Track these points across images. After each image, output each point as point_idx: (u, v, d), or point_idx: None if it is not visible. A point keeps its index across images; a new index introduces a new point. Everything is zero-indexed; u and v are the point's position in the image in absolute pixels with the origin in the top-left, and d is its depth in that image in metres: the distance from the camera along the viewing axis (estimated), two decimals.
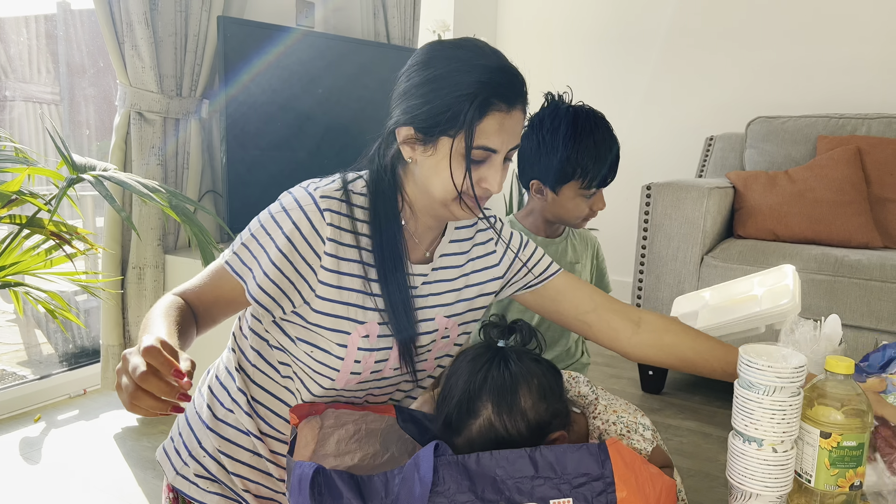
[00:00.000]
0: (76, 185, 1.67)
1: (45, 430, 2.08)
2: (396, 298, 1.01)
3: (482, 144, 0.95)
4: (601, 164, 1.41)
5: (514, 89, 0.96)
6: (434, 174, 0.98)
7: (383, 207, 1.02)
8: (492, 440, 0.91)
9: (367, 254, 1.01)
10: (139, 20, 2.01)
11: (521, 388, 0.92)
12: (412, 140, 0.98)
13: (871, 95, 2.97)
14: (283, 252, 0.96)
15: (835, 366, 0.90)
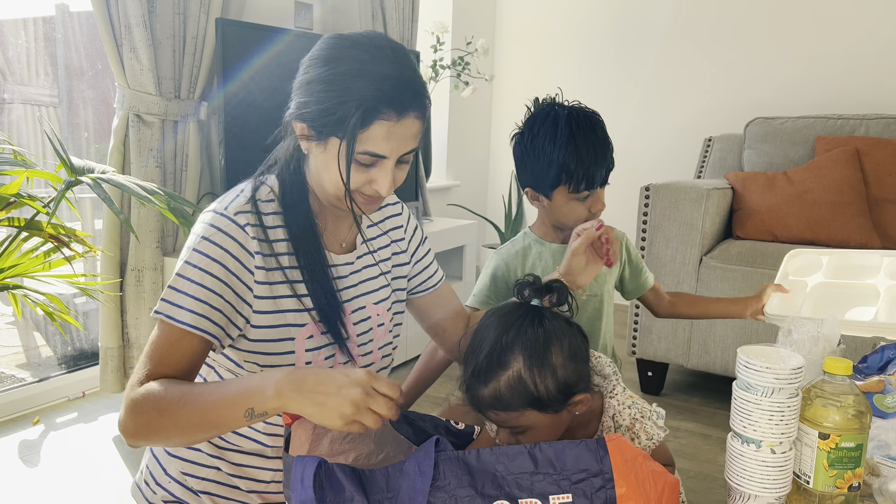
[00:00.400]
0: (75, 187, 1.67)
1: (44, 432, 2.07)
2: (320, 295, 1.02)
3: (368, 150, 0.96)
4: (587, 165, 1.34)
5: (405, 98, 0.95)
6: (325, 170, 0.99)
7: (293, 208, 1.03)
8: (519, 393, 0.92)
9: (287, 258, 1.02)
10: (137, 22, 2.01)
11: (554, 345, 0.94)
12: (306, 135, 1.00)
13: (869, 96, 2.97)
14: (220, 279, 0.95)
15: (833, 367, 0.90)
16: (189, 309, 0.94)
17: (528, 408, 0.94)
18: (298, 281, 1.02)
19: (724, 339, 2.30)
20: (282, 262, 1.01)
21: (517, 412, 0.94)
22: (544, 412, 0.95)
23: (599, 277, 1.50)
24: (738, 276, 2.26)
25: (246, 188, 1.04)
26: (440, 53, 3.18)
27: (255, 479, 1.08)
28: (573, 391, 0.96)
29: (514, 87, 3.91)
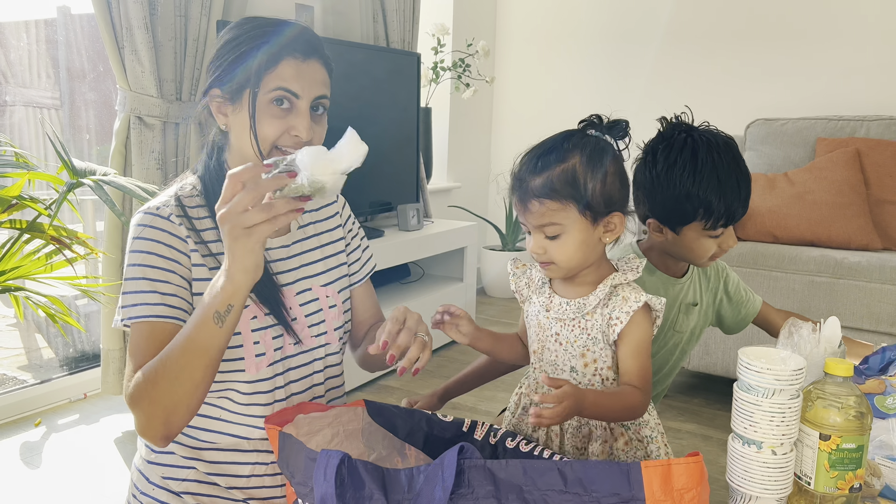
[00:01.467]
0: (76, 189, 1.67)
1: (46, 434, 2.08)
2: None
3: (280, 86, 1.01)
4: (729, 201, 1.23)
5: (305, 40, 1.04)
6: (244, 130, 1.03)
7: (217, 197, 1.01)
8: (569, 184, 1.01)
9: (215, 245, 1.05)
10: (139, 25, 2.01)
11: (609, 157, 1.04)
12: (220, 102, 1.04)
13: (869, 97, 2.97)
14: (161, 267, 1.00)
15: (834, 368, 0.90)
16: (144, 302, 0.98)
17: (573, 202, 1.02)
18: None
19: (725, 340, 2.30)
20: (212, 248, 1.04)
21: (560, 203, 1.02)
22: (583, 213, 1.02)
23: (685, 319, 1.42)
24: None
25: (169, 190, 1.09)
26: (441, 55, 3.18)
27: (234, 474, 1.08)
28: (613, 205, 1.04)
29: (514, 88, 3.92)
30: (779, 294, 2.21)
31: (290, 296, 1.12)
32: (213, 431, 1.08)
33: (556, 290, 1.14)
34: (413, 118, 2.94)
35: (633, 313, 1.04)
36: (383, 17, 3.02)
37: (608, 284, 1.07)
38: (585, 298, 1.08)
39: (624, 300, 1.05)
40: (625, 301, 1.05)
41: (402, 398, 1.31)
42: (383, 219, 3.09)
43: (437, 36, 3.13)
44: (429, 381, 2.50)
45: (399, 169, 2.92)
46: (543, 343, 1.14)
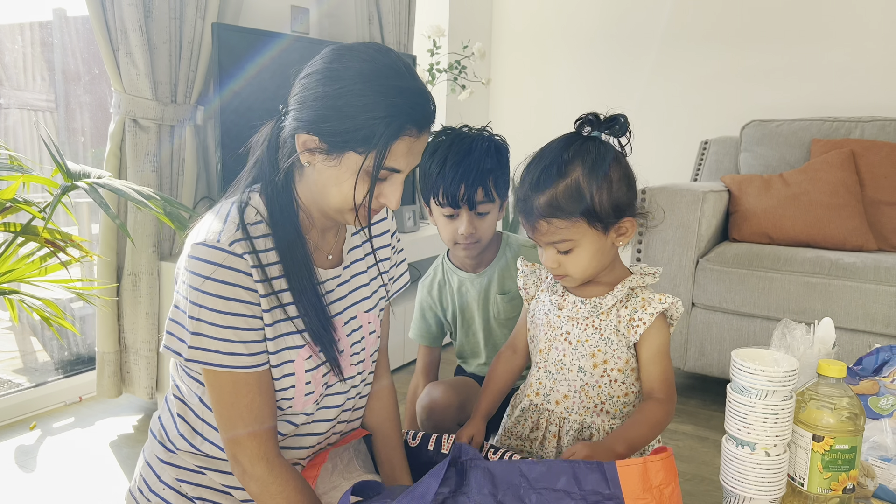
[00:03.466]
0: (71, 192, 1.67)
1: (41, 437, 2.07)
2: (312, 315, 1.01)
3: (390, 166, 0.97)
4: (447, 179, 1.36)
5: (427, 115, 0.98)
6: (334, 184, 0.98)
7: (282, 228, 1.01)
8: (575, 199, 0.99)
9: (278, 281, 1.00)
10: (133, 27, 2.01)
11: (612, 162, 1.01)
12: (314, 148, 0.97)
13: (864, 98, 2.98)
14: (244, 314, 0.95)
15: (827, 369, 0.90)
16: (226, 352, 0.95)
17: (581, 217, 1.00)
18: (290, 303, 1.01)
19: (721, 341, 2.30)
20: (274, 285, 1.00)
21: (569, 220, 1.00)
22: (593, 226, 1.01)
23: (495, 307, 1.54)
24: (734, 279, 2.27)
25: (231, 212, 1.00)
26: (437, 57, 3.18)
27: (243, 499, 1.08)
28: (623, 212, 1.03)
29: (511, 90, 3.92)
30: (774, 295, 2.21)
31: (339, 326, 1.09)
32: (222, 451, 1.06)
33: (570, 289, 1.14)
34: None
35: (657, 316, 1.04)
36: (379, 19, 3.02)
37: (626, 286, 1.07)
38: (602, 298, 1.08)
39: (646, 302, 1.05)
40: (647, 303, 1.05)
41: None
42: None
43: (433, 38, 3.13)
44: None
45: None
46: (551, 342, 1.14)
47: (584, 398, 1.10)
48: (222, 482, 1.07)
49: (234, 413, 0.97)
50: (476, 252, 1.47)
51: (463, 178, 1.35)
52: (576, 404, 1.11)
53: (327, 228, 1.10)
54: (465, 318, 1.56)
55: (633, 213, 1.05)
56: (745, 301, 2.26)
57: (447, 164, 1.36)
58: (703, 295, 2.32)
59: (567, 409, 1.12)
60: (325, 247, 1.10)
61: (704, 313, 2.33)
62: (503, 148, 1.44)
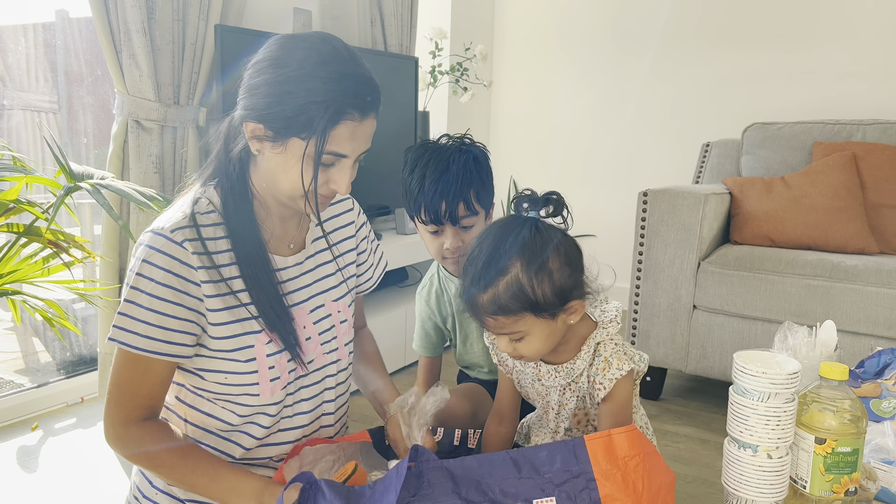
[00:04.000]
0: (74, 193, 1.67)
1: (43, 438, 2.07)
2: (264, 302, 1.02)
3: (333, 150, 0.97)
4: (427, 196, 1.35)
5: (369, 99, 0.98)
6: (282, 171, 0.99)
7: (235, 217, 1.03)
8: (517, 297, 0.96)
9: (232, 268, 1.02)
10: (137, 29, 2.01)
11: (551, 250, 0.98)
12: (261, 136, 0.99)
13: (866, 101, 2.98)
14: (170, 300, 0.97)
15: (829, 372, 0.90)
16: (146, 335, 0.96)
17: (526, 311, 0.98)
18: (244, 290, 1.02)
19: (723, 343, 2.30)
20: (224, 273, 1.01)
21: (515, 316, 0.98)
22: (540, 316, 0.98)
23: None
24: (735, 281, 2.27)
25: (185, 203, 1.03)
26: (438, 59, 3.19)
27: None
28: (569, 296, 1.00)
29: (512, 92, 3.92)
30: (775, 297, 2.21)
31: (303, 314, 1.10)
32: (216, 449, 1.08)
33: (543, 359, 1.12)
34: (411, 122, 2.94)
35: (621, 382, 1.03)
36: (381, 21, 3.03)
37: (591, 345, 1.06)
38: (573, 363, 1.07)
39: (607, 365, 1.03)
40: (608, 366, 1.03)
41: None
42: (381, 222, 3.09)
43: (435, 40, 3.14)
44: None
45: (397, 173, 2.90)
46: (545, 409, 1.14)
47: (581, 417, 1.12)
48: None
49: (127, 394, 1.00)
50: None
51: (443, 194, 1.33)
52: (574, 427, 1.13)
53: (286, 217, 1.11)
54: (464, 327, 1.56)
55: (581, 293, 1.02)
56: (747, 303, 2.26)
57: (426, 181, 1.35)
58: (705, 297, 2.32)
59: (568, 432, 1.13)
60: (285, 236, 1.11)
61: (706, 315, 2.33)
62: (483, 157, 1.42)
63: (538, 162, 3.81)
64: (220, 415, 1.06)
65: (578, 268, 1.02)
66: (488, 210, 1.43)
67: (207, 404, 1.07)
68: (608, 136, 3.61)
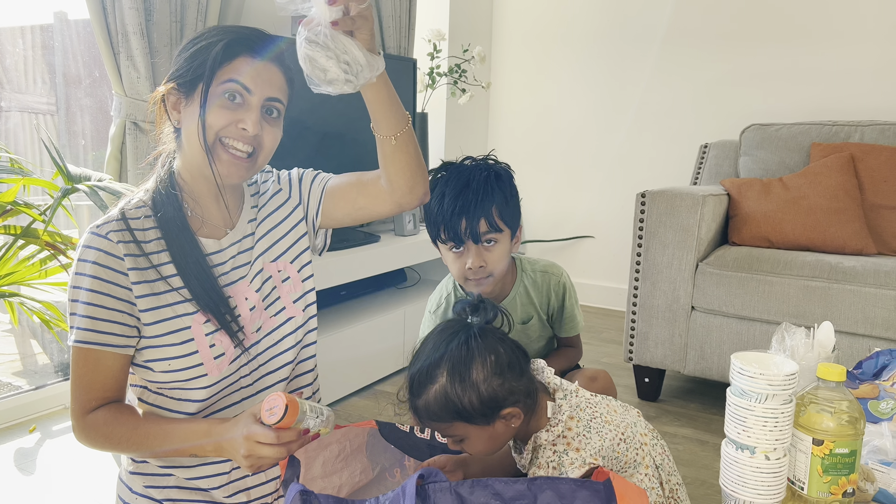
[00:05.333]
0: (71, 195, 1.67)
1: (41, 440, 2.07)
2: (196, 286, 1.06)
3: (231, 77, 1.02)
4: (446, 214, 1.34)
5: (261, 41, 1.06)
6: (192, 122, 1.03)
7: (162, 208, 1.07)
8: (445, 407, 0.98)
9: (158, 256, 1.06)
10: (134, 31, 2.01)
11: (476, 362, 0.98)
12: (175, 97, 1.06)
13: (864, 102, 2.98)
14: (100, 291, 1.01)
15: (827, 373, 0.90)
16: (86, 328, 1.00)
17: (457, 419, 0.99)
18: (174, 275, 1.06)
19: (721, 345, 2.30)
20: (153, 260, 1.05)
21: (447, 423, 1.00)
22: (473, 424, 0.99)
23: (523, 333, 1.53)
24: (733, 282, 2.27)
25: (118, 204, 1.10)
26: (437, 61, 3.19)
27: (215, 473, 1.10)
28: (500, 405, 0.99)
29: (511, 94, 3.93)
30: (774, 299, 2.21)
31: (243, 288, 1.12)
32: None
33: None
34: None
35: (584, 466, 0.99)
36: (379, 22, 3.03)
37: (530, 447, 1.05)
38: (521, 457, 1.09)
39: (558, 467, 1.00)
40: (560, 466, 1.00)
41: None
42: (379, 224, 3.09)
43: (434, 42, 3.14)
44: None
45: None
46: None
47: None
48: (186, 476, 1.10)
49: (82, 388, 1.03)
50: (490, 286, 1.40)
51: (462, 211, 1.32)
52: None
53: (215, 203, 1.14)
54: None
55: (516, 400, 1.01)
56: (745, 305, 2.26)
57: (445, 199, 1.33)
58: (703, 298, 2.32)
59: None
60: (220, 219, 1.14)
61: (704, 317, 2.33)
62: (505, 175, 1.39)
63: (537, 163, 3.81)
64: (181, 408, 1.09)
65: (514, 374, 1.01)
66: (514, 229, 1.39)
67: (167, 400, 1.09)
68: (606, 138, 3.61)
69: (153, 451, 1.02)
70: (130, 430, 1.02)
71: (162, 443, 1.00)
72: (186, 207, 1.10)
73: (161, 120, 1.11)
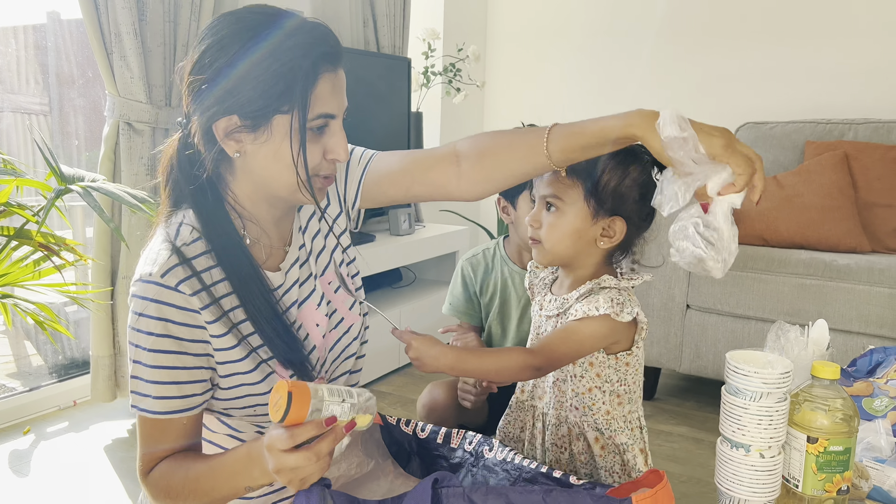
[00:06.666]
0: (65, 195, 1.66)
1: (35, 442, 2.06)
2: (269, 331, 0.93)
3: (321, 112, 0.89)
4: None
5: (335, 45, 0.90)
6: (274, 161, 0.89)
7: (221, 241, 0.92)
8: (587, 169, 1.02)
9: (229, 299, 0.92)
10: (128, 30, 2.01)
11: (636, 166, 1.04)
12: (237, 130, 0.88)
13: (857, 101, 2.99)
14: (174, 351, 0.88)
15: (821, 371, 0.90)
16: (156, 396, 0.89)
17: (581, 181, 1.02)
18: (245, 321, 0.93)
19: (716, 343, 2.31)
20: (224, 305, 0.91)
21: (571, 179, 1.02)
22: (587, 201, 1.03)
23: None
24: (728, 281, 2.27)
25: (163, 237, 0.92)
26: (431, 60, 3.19)
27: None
28: (619, 209, 1.03)
29: (505, 93, 3.93)
30: (768, 297, 2.22)
31: (311, 309, 1.02)
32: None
33: (552, 290, 1.14)
34: (404, 123, 2.94)
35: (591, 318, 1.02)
36: (374, 22, 3.02)
37: (592, 283, 1.07)
38: (569, 294, 1.09)
39: (592, 300, 1.03)
40: (590, 301, 1.03)
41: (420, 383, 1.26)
42: (375, 223, 3.09)
43: (428, 41, 3.13)
44: (420, 385, 2.50)
45: None
46: (534, 341, 1.15)
47: (557, 393, 1.11)
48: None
49: (152, 452, 0.93)
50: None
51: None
52: (552, 400, 1.12)
53: (279, 219, 1.01)
54: (504, 311, 1.55)
55: (629, 220, 1.05)
56: (740, 303, 2.26)
57: None
58: (698, 297, 2.32)
59: (546, 405, 1.13)
60: (275, 248, 1.02)
61: (699, 315, 2.34)
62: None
63: None
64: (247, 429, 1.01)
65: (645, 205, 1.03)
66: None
67: (238, 422, 1.01)
68: None
69: (210, 497, 0.89)
70: (183, 477, 0.89)
71: (212, 481, 0.87)
72: (246, 235, 0.97)
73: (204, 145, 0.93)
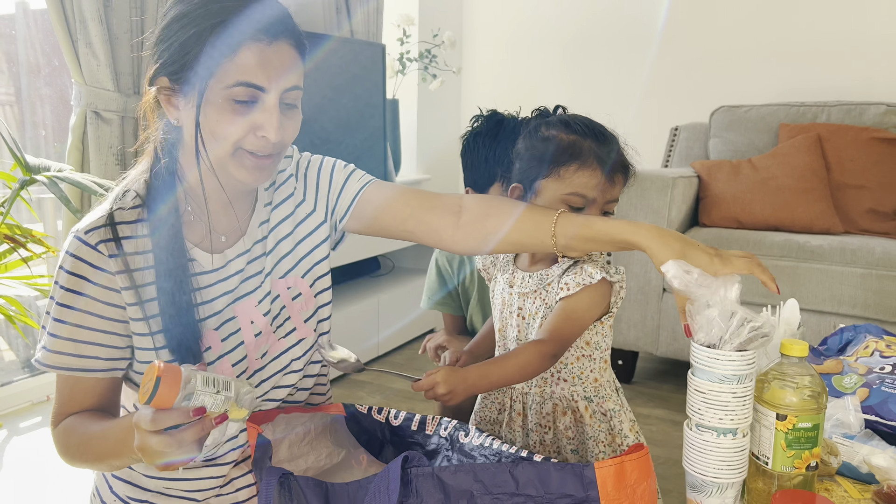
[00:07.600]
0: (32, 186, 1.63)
1: (7, 437, 2.03)
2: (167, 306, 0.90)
3: (242, 80, 0.83)
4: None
5: (278, 18, 0.85)
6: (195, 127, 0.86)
7: (159, 215, 0.90)
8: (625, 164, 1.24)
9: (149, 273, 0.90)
10: (93, 17, 1.96)
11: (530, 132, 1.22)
12: (168, 92, 0.87)
13: (830, 83, 3.01)
14: (89, 311, 0.88)
15: (789, 348, 0.91)
16: (50, 349, 0.88)
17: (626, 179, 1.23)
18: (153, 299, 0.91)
19: None
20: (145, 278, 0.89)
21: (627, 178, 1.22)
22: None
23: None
24: None
25: (111, 197, 0.92)
26: (406, 46, 3.16)
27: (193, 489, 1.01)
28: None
29: (482, 79, 3.91)
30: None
31: (249, 308, 0.98)
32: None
33: (519, 266, 1.15)
34: (380, 110, 2.92)
35: (585, 286, 1.05)
36: (347, 8, 2.99)
37: (572, 260, 1.08)
38: (548, 269, 1.09)
39: (581, 271, 1.06)
40: (581, 272, 1.06)
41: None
42: None
43: (403, 27, 3.11)
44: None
45: (367, 161, 2.89)
46: (506, 320, 1.14)
47: None
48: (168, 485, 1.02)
49: (60, 407, 0.92)
50: None
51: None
52: (537, 377, 1.11)
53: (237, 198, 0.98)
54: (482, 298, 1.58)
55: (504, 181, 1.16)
56: None
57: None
58: None
59: (527, 384, 1.12)
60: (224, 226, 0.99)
61: None
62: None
63: None
64: None
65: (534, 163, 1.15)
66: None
67: None
68: None
69: (101, 461, 0.87)
70: (80, 436, 0.88)
71: (102, 445, 0.86)
72: (190, 211, 0.94)
73: (153, 116, 0.92)
